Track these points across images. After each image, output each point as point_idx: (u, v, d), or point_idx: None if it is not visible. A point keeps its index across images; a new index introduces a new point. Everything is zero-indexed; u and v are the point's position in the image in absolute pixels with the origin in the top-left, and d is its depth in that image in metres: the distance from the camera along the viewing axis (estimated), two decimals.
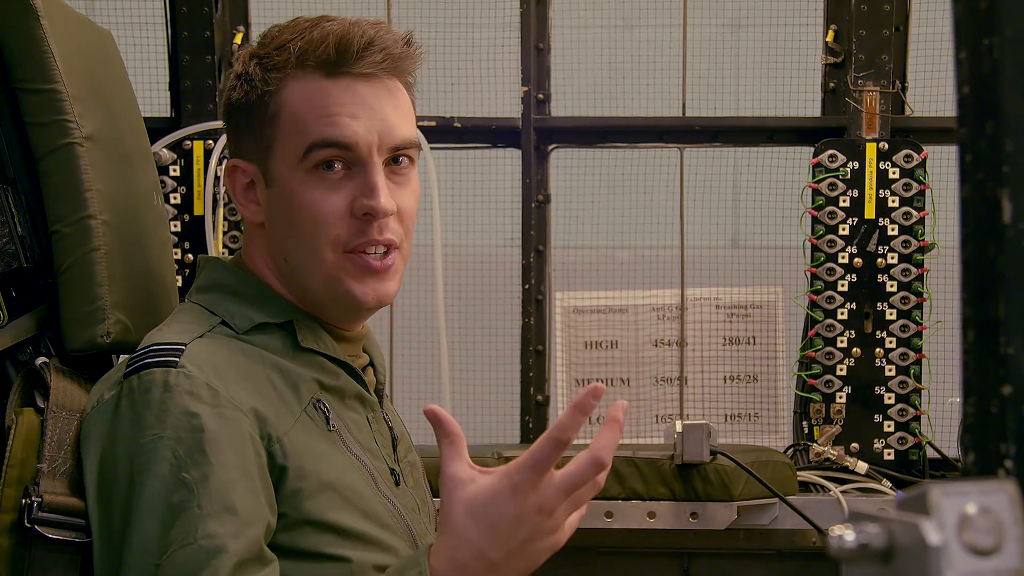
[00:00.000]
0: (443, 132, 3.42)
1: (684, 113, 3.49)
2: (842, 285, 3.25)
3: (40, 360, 1.97)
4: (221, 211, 3.26)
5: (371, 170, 1.88)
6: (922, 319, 3.24)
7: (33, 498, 1.78)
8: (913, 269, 3.23)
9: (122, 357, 2.00)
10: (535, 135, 3.44)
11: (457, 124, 3.43)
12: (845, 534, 0.91)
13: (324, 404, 1.89)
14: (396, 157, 1.92)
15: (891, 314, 3.24)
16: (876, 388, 3.25)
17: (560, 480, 1.67)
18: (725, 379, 3.49)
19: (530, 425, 3.45)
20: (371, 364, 2.08)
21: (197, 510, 1.68)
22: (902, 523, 0.89)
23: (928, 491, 0.88)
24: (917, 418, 3.26)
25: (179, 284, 3.05)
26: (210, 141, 3.26)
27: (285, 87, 1.88)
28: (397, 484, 1.97)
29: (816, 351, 3.25)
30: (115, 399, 1.79)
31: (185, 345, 1.81)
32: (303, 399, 1.86)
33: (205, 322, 1.88)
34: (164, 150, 3.25)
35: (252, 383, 1.82)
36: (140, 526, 1.69)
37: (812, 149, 3.29)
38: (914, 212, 3.22)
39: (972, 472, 1.03)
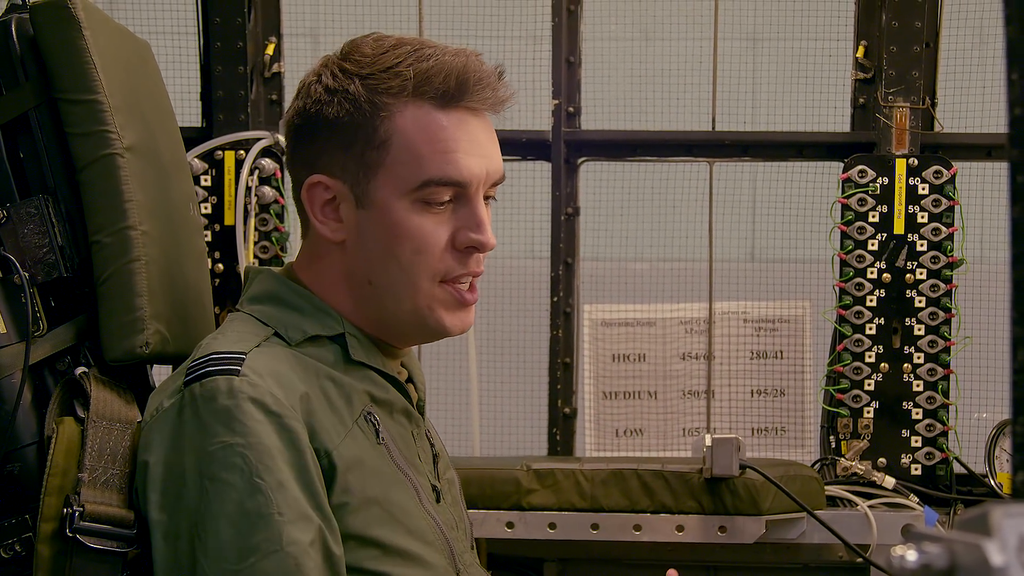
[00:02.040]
0: None
1: (714, 127, 3.50)
2: (871, 300, 3.24)
3: (80, 370, 1.98)
4: (252, 221, 3.26)
5: (477, 205, 1.90)
6: (950, 335, 3.23)
7: (75, 507, 1.79)
8: (942, 285, 3.22)
9: (175, 367, 2.01)
10: (565, 148, 3.44)
11: None
12: (907, 554, 0.91)
13: (375, 417, 1.89)
14: (488, 192, 1.94)
15: (919, 329, 3.24)
16: (904, 403, 3.25)
17: None
18: (752, 393, 3.49)
19: (557, 437, 3.45)
20: (410, 380, 2.09)
21: (278, 516, 1.70)
22: (964, 544, 0.89)
23: (989, 512, 0.88)
24: (944, 433, 3.25)
25: None
26: (241, 152, 3.28)
27: (398, 113, 1.86)
28: (438, 500, 1.98)
29: (844, 366, 3.25)
30: (177, 407, 1.79)
31: (245, 354, 1.81)
32: (355, 411, 1.87)
33: (259, 333, 1.88)
34: (195, 160, 3.26)
35: (307, 394, 1.82)
36: (216, 533, 1.70)
37: (841, 164, 3.29)
38: (943, 228, 3.22)
39: (1022, 492, 1.03)
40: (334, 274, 1.95)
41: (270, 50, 3.39)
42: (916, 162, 3.23)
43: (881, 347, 3.25)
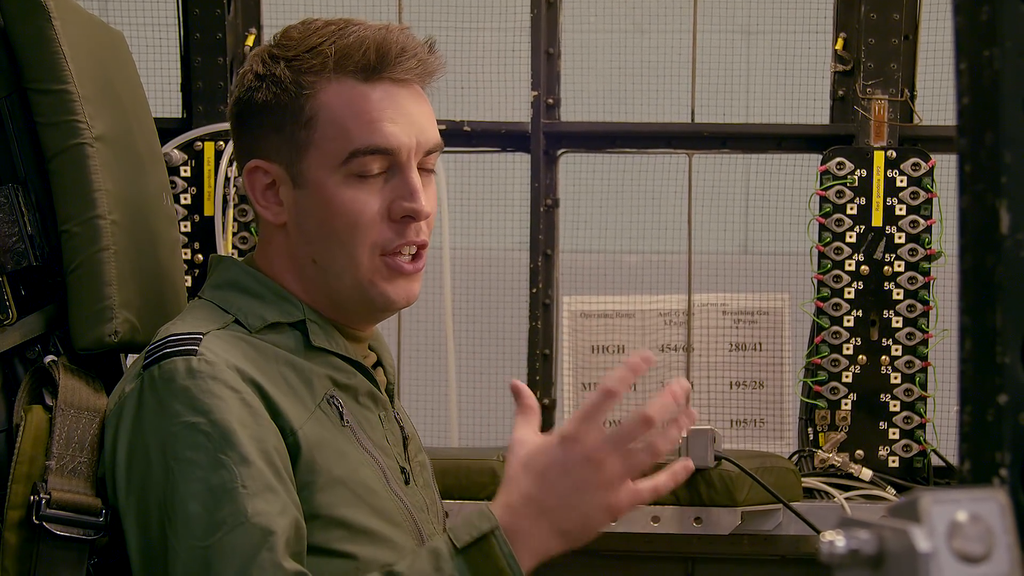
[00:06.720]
0: (453, 135, 3.42)
1: (693, 119, 3.50)
2: (848, 292, 3.25)
3: (49, 358, 1.98)
4: (231, 212, 3.27)
5: (409, 173, 1.92)
6: (928, 327, 3.24)
7: (41, 495, 1.80)
8: (920, 277, 3.23)
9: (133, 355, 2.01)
10: (544, 139, 3.44)
11: (467, 128, 3.44)
12: (836, 540, 0.91)
13: (338, 400, 1.91)
14: (424, 161, 1.95)
15: (897, 322, 3.24)
16: (881, 395, 3.25)
17: (609, 432, 1.74)
18: (731, 385, 3.49)
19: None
20: (379, 364, 2.10)
21: (242, 489, 1.71)
22: (892, 530, 0.90)
23: (919, 499, 0.89)
24: (922, 426, 3.25)
25: (188, 284, 3.07)
26: (221, 142, 3.28)
27: (322, 90, 1.90)
28: (407, 483, 1.99)
29: (822, 358, 3.26)
30: (137, 391, 1.81)
31: (203, 335, 1.83)
32: (317, 395, 1.89)
33: (219, 319, 1.90)
34: (175, 151, 3.26)
35: (267, 378, 1.84)
36: (183, 511, 1.72)
37: (820, 156, 3.29)
38: (921, 220, 3.22)
39: (968, 480, 1.04)
40: (282, 258, 1.97)
41: (250, 41, 3.39)
42: (894, 154, 3.24)
43: (859, 339, 3.25)
